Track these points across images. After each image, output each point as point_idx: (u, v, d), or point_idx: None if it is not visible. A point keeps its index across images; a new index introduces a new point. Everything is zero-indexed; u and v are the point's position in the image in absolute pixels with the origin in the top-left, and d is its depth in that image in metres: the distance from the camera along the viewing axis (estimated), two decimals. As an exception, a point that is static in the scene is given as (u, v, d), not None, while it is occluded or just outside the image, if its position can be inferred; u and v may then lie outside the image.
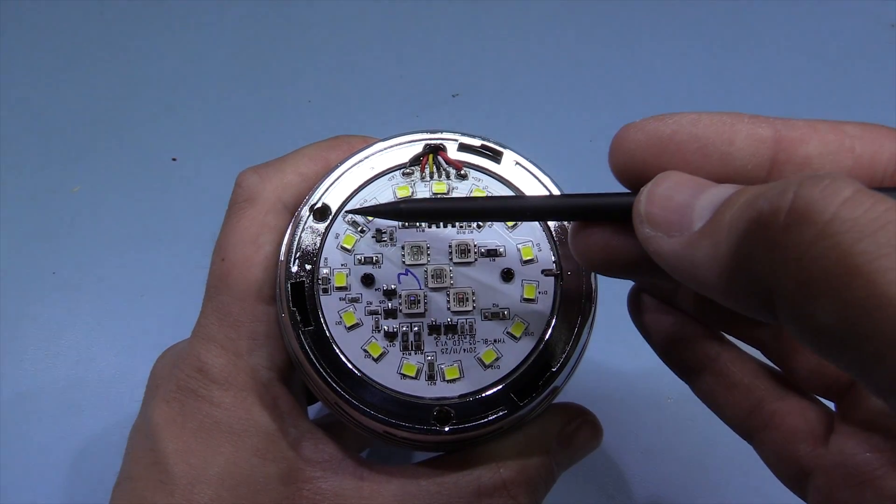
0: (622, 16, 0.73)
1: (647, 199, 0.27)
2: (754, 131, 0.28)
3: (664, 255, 0.26)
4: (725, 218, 0.24)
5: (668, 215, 0.26)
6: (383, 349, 0.35)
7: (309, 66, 0.70)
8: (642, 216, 0.27)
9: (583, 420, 0.38)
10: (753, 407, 0.34)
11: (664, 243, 0.26)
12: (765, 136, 0.28)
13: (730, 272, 0.23)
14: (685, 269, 0.25)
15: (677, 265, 0.25)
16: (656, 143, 0.28)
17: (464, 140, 0.37)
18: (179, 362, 0.37)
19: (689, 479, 0.52)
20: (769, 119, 0.28)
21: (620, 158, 0.29)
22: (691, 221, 0.25)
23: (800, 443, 0.33)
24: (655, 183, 0.27)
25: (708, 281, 0.24)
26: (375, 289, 0.35)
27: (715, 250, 0.24)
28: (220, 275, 0.37)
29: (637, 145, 0.28)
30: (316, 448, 0.36)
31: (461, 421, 0.34)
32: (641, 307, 0.37)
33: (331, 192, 0.36)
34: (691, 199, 0.26)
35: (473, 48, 0.71)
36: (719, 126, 0.28)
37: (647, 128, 0.28)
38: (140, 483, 0.35)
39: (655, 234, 0.26)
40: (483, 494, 0.36)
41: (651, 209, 0.26)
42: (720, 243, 0.24)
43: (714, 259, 0.24)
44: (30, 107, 0.68)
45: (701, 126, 0.28)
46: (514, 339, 0.35)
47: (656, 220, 0.26)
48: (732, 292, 0.24)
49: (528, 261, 0.36)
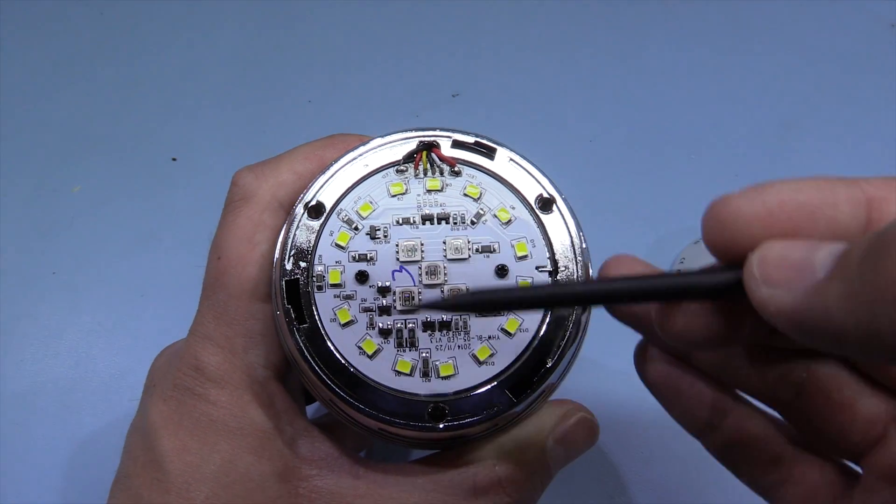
0: (622, 16, 0.73)
1: (759, 262, 0.26)
2: (852, 194, 0.27)
3: (788, 311, 0.25)
4: (854, 257, 0.23)
5: (788, 273, 0.25)
6: (378, 346, 0.35)
7: (309, 66, 0.70)
8: (758, 279, 0.26)
9: (579, 417, 0.38)
10: (771, 463, 0.34)
11: (787, 299, 0.25)
12: (860, 199, 0.27)
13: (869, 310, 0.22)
14: (816, 319, 0.24)
15: (805, 318, 0.24)
16: (765, 213, 0.27)
17: (457, 137, 0.37)
18: (176, 361, 0.37)
19: (689, 480, 0.52)
20: (855, 180, 0.28)
21: (722, 232, 0.28)
22: (814, 273, 0.24)
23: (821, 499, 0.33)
24: (764, 249, 0.26)
25: (846, 326, 0.23)
26: (370, 286, 0.35)
27: (850, 288, 0.23)
28: (216, 273, 0.37)
29: (742, 217, 0.27)
30: (312, 446, 0.36)
31: (456, 418, 0.34)
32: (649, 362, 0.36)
33: (325, 189, 0.36)
34: (809, 255, 0.25)
35: (473, 48, 0.71)
36: (823, 191, 0.27)
37: (753, 198, 0.27)
38: (137, 481, 0.36)
39: (775, 291, 0.25)
40: (479, 492, 0.36)
41: (767, 270, 0.25)
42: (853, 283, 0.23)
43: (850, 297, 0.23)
44: (30, 107, 0.68)
45: (804, 192, 0.27)
46: (508, 336, 0.35)
47: (774, 279, 0.25)
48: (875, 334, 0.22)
49: (522, 257, 0.36)
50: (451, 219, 0.36)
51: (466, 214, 0.36)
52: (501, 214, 0.36)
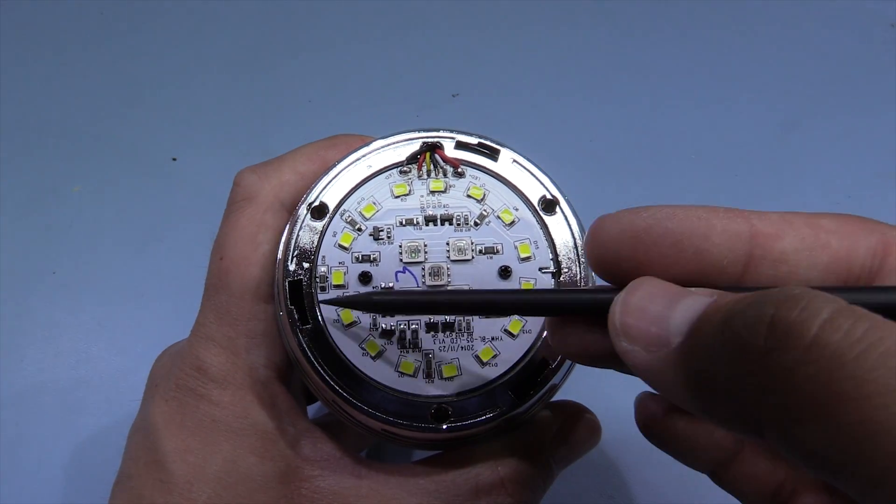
0: (622, 16, 0.73)
1: (621, 308, 0.26)
2: (729, 226, 0.27)
3: (645, 370, 0.25)
4: (702, 338, 0.23)
5: (645, 327, 0.25)
6: (381, 347, 0.35)
7: (309, 66, 0.70)
8: (618, 329, 0.26)
9: (581, 418, 0.38)
10: (776, 490, 0.33)
11: (642, 358, 0.25)
12: (740, 232, 0.27)
13: (713, 396, 0.23)
14: (667, 387, 0.25)
15: (659, 382, 0.25)
16: (631, 236, 0.28)
17: (461, 138, 0.37)
18: (178, 361, 0.37)
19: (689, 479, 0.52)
20: (744, 213, 0.28)
21: (596, 251, 0.29)
22: (668, 336, 0.25)
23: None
24: (628, 292, 0.26)
25: (691, 404, 0.24)
26: (373, 286, 0.35)
27: (696, 378, 0.23)
28: (218, 273, 0.37)
29: (612, 238, 0.28)
30: (314, 447, 0.37)
31: (459, 419, 0.34)
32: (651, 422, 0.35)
33: (328, 190, 0.36)
34: (666, 311, 0.25)
35: (473, 48, 0.71)
36: (695, 221, 0.28)
37: (622, 220, 0.28)
38: (139, 481, 0.36)
39: (633, 348, 0.25)
40: (481, 492, 0.36)
41: (626, 320, 0.26)
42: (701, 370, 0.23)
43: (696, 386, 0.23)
44: (30, 106, 0.68)
45: (676, 221, 0.27)
46: (511, 337, 0.35)
47: (632, 333, 0.25)
48: (718, 414, 0.23)
49: (525, 258, 0.36)
50: (455, 220, 0.36)
51: (470, 216, 0.36)
52: (505, 216, 0.36)
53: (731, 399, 0.22)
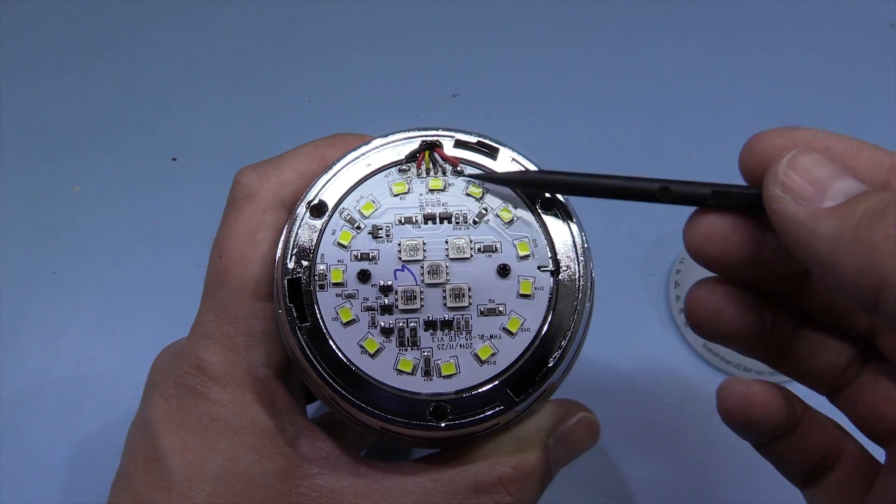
0: (622, 16, 0.73)
1: (787, 163, 0.28)
2: (876, 155, 0.30)
3: (787, 216, 0.28)
4: (860, 208, 0.26)
5: (803, 185, 0.28)
6: (379, 345, 0.35)
7: (309, 66, 0.70)
8: (778, 177, 0.28)
9: (580, 416, 0.38)
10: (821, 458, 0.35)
11: (790, 206, 0.28)
12: (885, 162, 0.30)
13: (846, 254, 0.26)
14: (802, 236, 0.27)
15: (795, 230, 0.27)
16: (793, 146, 0.30)
17: (460, 137, 0.37)
18: (178, 360, 0.37)
19: (689, 479, 0.52)
20: (889, 151, 0.30)
21: (753, 157, 0.31)
22: (823, 198, 0.27)
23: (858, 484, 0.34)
24: (798, 152, 0.29)
25: (820, 254, 0.26)
26: (372, 285, 0.35)
27: (840, 230, 0.26)
28: (217, 272, 0.37)
29: (773, 148, 0.30)
30: (313, 445, 0.37)
31: (457, 417, 0.34)
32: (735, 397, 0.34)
33: (327, 188, 0.36)
34: (829, 179, 0.28)
35: (473, 48, 0.71)
36: (848, 144, 0.30)
37: (785, 133, 0.31)
38: (138, 480, 0.36)
39: (784, 196, 0.28)
40: (480, 491, 0.36)
41: (789, 174, 0.28)
42: (847, 227, 0.26)
43: (836, 238, 0.26)
44: (30, 107, 0.68)
45: (833, 140, 0.30)
46: (510, 335, 0.35)
47: (790, 185, 0.28)
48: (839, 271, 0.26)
49: (524, 256, 0.36)
50: (454, 218, 0.36)
51: (469, 214, 0.36)
52: (503, 214, 0.36)
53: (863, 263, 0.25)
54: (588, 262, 0.36)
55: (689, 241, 0.32)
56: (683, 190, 0.32)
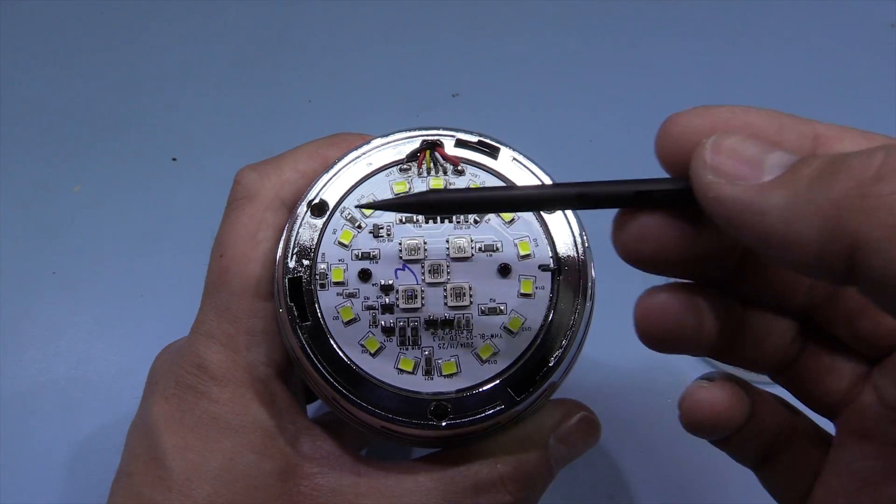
0: (622, 16, 0.73)
1: (712, 147, 0.27)
2: (798, 126, 0.28)
3: (727, 199, 0.26)
4: (805, 171, 0.24)
5: (735, 165, 0.26)
6: (380, 344, 0.35)
7: (309, 66, 0.70)
8: (707, 163, 0.26)
9: (581, 416, 0.38)
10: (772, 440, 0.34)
11: (728, 189, 0.26)
12: (808, 132, 0.28)
13: (805, 221, 0.24)
14: (749, 216, 0.25)
15: (740, 212, 0.25)
16: (710, 126, 0.28)
17: (461, 136, 0.37)
18: (178, 359, 0.37)
19: (689, 479, 0.52)
20: (809, 119, 0.29)
21: (671, 141, 0.29)
22: (761, 173, 0.25)
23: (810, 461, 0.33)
24: (720, 136, 0.27)
25: (774, 229, 0.24)
26: (373, 284, 0.35)
27: (792, 197, 0.24)
28: (218, 271, 0.37)
29: (691, 129, 0.28)
30: (314, 444, 0.37)
31: (458, 416, 0.34)
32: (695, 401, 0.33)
33: (328, 188, 0.37)
34: (761, 155, 0.26)
35: (473, 48, 0.71)
36: (769, 118, 0.29)
37: (700, 112, 0.29)
38: (138, 479, 0.36)
39: (718, 180, 0.26)
40: (480, 490, 0.36)
41: (717, 157, 0.26)
42: (799, 193, 0.24)
43: (789, 207, 0.24)
44: (30, 106, 0.68)
45: (753, 115, 0.28)
46: (510, 334, 0.35)
47: (722, 168, 0.26)
48: (800, 242, 0.24)
49: (525, 256, 0.36)
50: (454, 217, 0.36)
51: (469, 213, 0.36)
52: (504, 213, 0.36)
53: (828, 226, 0.23)
54: (589, 262, 0.36)
55: (621, 244, 0.30)
56: (601, 192, 0.30)
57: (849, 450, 0.32)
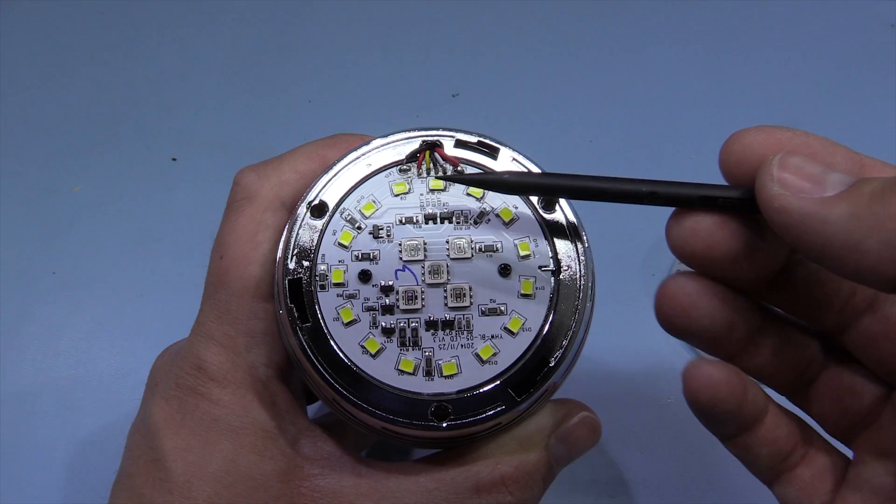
0: (623, 16, 0.73)
1: (780, 163, 0.29)
2: (850, 155, 0.31)
3: (793, 210, 0.28)
4: (866, 189, 0.27)
5: (800, 181, 0.28)
6: (381, 345, 0.35)
7: (309, 66, 0.70)
8: (774, 176, 0.29)
9: (581, 416, 0.38)
10: (788, 453, 0.35)
11: (793, 201, 0.28)
12: (856, 161, 0.31)
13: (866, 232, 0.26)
14: (812, 225, 0.27)
15: (804, 222, 0.28)
16: (775, 143, 0.31)
17: (460, 136, 0.37)
18: (178, 360, 0.37)
19: (689, 479, 0.52)
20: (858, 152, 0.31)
21: (736, 155, 0.31)
22: (824, 189, 0.28)
23: (826, 480, 0.34)
24: (787, 154, 0.29)
25: (837, 238, 0.27)
26: (373, 285, 0.35)
27: (855, 210, 0.27)
28: (218, 273, 0.37)
29: (756, 144, 0.31)
30: (314, 445, 0.37)
31: (459, 416, 0.34)
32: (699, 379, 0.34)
33: (328, 189, 0.36)
34: (823, 174, 0.28)
35: (473, 48, 0.71)
36: (825, 144, 0.31)
37: (764, 130, 0.31)
38: (139, 480, 0.36)
39: (784, 192, 0.28)
40: (481, 491, 0.36)
41: (784, 172, 0.29)
42: (861, 206, 0.26)
43: (851, 219, 0.26)
44: (30, 107, 0.68)
45: (811, 139, 0.31)
46: (511, 335, 0.35)
47: (788, 182, 0.28)
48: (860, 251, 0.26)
49: (525, 256, 0.36)
50: (454, 218, 0.36)
51: (469, 214, 0.36)
52: (504, 214, 0.36)
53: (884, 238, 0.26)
54: (589, 262, 0.36)
55: (675, 236, 0.32)
56: (670, 192, 0.32)
57: (868, 467, 0.33)
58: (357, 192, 0.37)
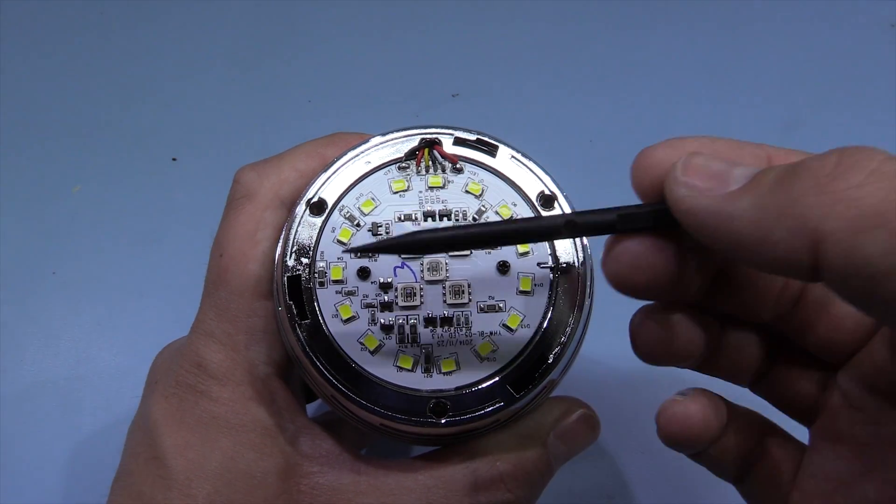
0: (623, 16, 0.73)
1: (683, 166, 0.29)
2: (755, 151, 0.31)
3: (700, 209, 0.28)
4: (768, 177, 0.26)
5: (705, 179, 0.28)
6: (379, 342, 0.35)
7: (309, 66, 0.70)
8: (679, 180, 0.29)
9: (580, 413, 0.38)
10: (749, 452, 0.35)
11: (700, 200, 0.28)
12: (762, 154, 0.31)
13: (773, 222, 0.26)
14: (721, 222, 0.27)
15: (712, 220, 0.27)
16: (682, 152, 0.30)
17: (459, 134, 0.37)
18: (178, 358, 0.37)
19: (689, 479, 0.52)
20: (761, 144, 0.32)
21: (645, 173, 0.31)
22: (728, 184, 0.28)
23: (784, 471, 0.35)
24: (688, 157, 0.29)
25: (745, 231, 0.26)
26: (371, 282, 0.35)
27: (758, 200, 0.26)
28: (218, 271, 0.37)
29: (665, 157, 0.31)
30: (313, 443, 0.37)
31: (457, 413, 0.34)
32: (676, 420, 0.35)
33: (327, 186, 0.37)
34: (726, 169, 0.28)
35: (473, 48, 0.71)
36: (731, 146, 0.31)
37: (670, 144, 0.32)
38: (138, 478, 0.36)
39: (691, 193, 0.28)
40: (480, 488, 0.36)
41: (688, 173, 0.29)
42: (764, 196, 0.26)
43: (756, 209, 0.26)
44: (30, 107, 0.68)
45: (717, 144, 0.31)
46: (510, 332, 0.35)
47: (692, 184, 0.28)
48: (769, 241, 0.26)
49: (523, 253, 0.36)
50: (453, 215, 0.36)
51: (468, 211, 0.36)
52: (503, 211, 0.36)
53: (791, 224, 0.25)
54: (588, 259, 0.36)
55: (612, 272, 0.31)
56: (588, 220, 0.31)
57: (822, 453, 0.33)
58: (356, 189, 0.37)
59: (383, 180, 0.37)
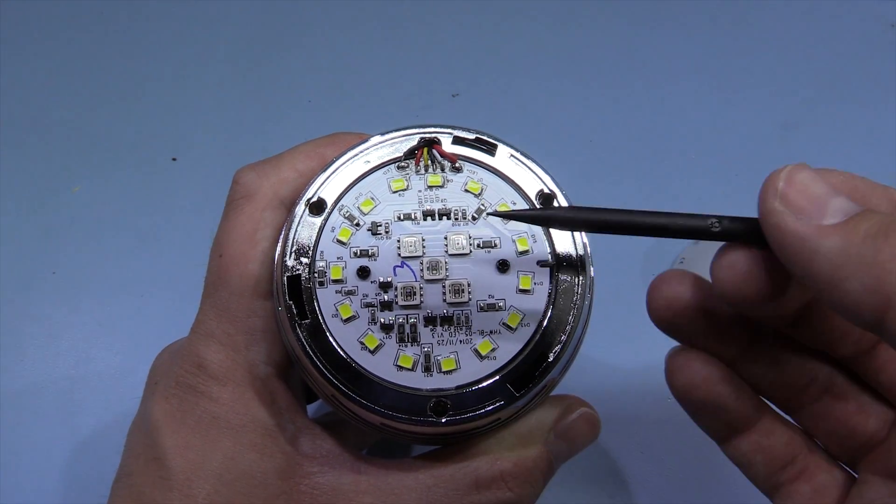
0: (623, 16, 0.73)
1: (786, 178, 0.28)
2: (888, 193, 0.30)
3: (787, 232, 0.27)
4: (862, 227, 0.26)
5: (802, 200, 0.28)
6: (379, 341, 0.35)
7: (309, 66, 0.70)
8: (778, 190, 0.28)
9: (580, 412, 0.38)
10: (786, 463, 0.35)
11: (791, 221, 0.27)
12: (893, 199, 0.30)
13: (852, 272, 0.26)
14: (804, 253, 0.27)
15: (797, 247, 0.27)
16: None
17: (458, 133, 0.37)
18: (178, 358, 0.37)
19: (689, 479, 0.52)
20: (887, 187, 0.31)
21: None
22: (823, 215, 0.27)
23: (827, 497, 0.34)
24: (794, 168, 0.29)
25: (824, 271, 0.26)
26: (371, 281, 0.35)
27: (845, 248, 0.26)
28: (217, 271, 0.37)
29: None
30: (314, 443, 0.37)
31: (458, 412, 0.34)
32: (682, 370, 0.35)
33: (326, 186, 0.37)
34: (826, 196, 0.28)
35: (473, 48, 0.71)
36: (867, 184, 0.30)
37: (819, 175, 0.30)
38: (139, 479, 0.36)
39: (784, 209, 0.28)
40: (480, 487, 0.36)
41: (788, 189, 0.28)
42: (852, 245, 0.26)
43: (840, 256, 0.26)
44: (30, 106, 0.68)
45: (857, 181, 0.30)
46: (510, 330, 0.35)
47: (789, 199, 0.28)
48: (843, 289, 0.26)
49: (523, 252, 0.36)
50: (453, 214, 0.36)
51: (467, 210, 0.36)
52: (502, 210, 0.36)
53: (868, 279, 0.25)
54: (587, 258, 0.36)
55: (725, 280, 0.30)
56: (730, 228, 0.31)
57: (873, 487, 0.33)
58: (355, 189, 0.37)
59: (382, 180, 0.37)
